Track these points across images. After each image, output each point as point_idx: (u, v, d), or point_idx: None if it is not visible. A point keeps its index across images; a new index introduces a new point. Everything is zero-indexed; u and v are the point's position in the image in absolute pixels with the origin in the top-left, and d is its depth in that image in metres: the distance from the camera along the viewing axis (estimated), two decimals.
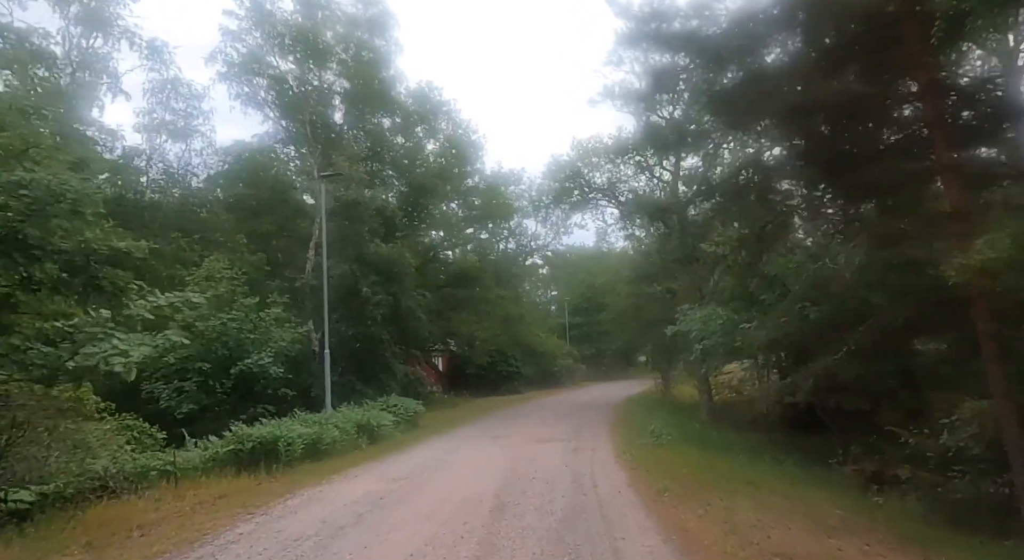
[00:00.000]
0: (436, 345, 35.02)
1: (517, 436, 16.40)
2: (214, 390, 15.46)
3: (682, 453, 12.13)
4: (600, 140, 23.06)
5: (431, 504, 8.34)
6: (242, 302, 16.49)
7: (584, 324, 55.30)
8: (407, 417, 18.88)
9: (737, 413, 22.08)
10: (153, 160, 23.31)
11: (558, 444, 14.32)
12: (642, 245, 27.09)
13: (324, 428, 13.47)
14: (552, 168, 23.50)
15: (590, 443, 14.39)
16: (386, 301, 20.74)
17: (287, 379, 17.22)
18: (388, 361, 22.00)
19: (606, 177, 23.30)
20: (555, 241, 46.03)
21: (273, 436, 11.56)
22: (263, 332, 16.69)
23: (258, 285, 19.83)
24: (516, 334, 39.45)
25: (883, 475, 10.82)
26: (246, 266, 19.64)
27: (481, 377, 36.21)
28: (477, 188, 33.46)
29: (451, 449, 14.27)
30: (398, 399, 20.00)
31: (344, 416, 15.34)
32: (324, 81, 26.70)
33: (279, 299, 17.71)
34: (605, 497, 8.27)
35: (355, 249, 20.93)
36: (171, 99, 23.92)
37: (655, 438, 13.60)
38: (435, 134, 30.37)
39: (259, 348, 16.19)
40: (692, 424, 18.94)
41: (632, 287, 28.52)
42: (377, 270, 20.87)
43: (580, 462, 11.48)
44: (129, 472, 9.60)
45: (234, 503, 8.82)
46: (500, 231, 41.15)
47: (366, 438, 15.04)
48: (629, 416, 21.36)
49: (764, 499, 8.28)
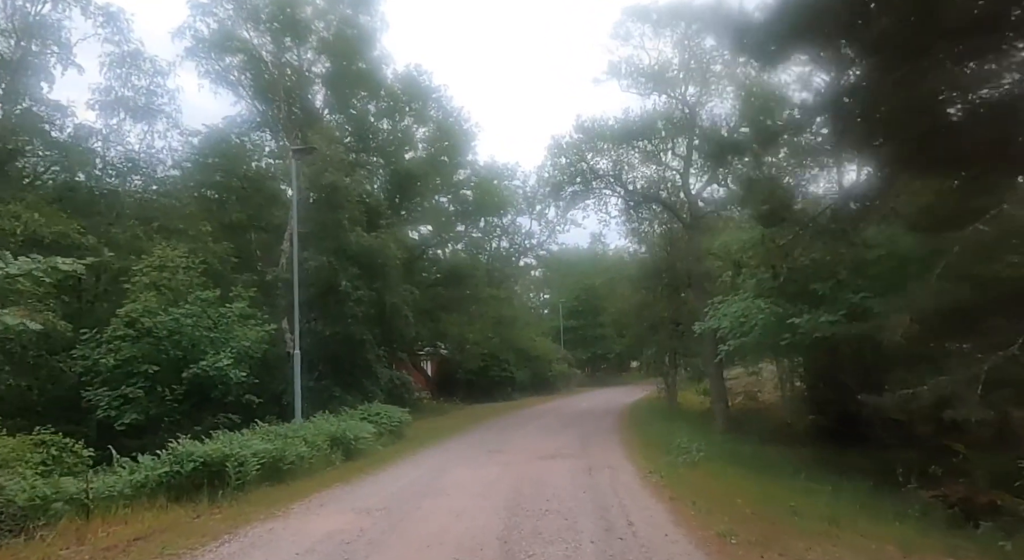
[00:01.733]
0: (425, 348, 32.82)
1: (517, 450, 14.25)
2: (163, 397, 13.19)
3: (721, 475, 10.04)
4: (604, 122, 21.02)
5: (413, 554, 6.19)
6: (198, 295, 14.22)
7: (579, 327, 53.27)
8: (391, 427, 16.68)
9: (756, 422, 20.06)
10: (111, 141, 20.94)
11: (567, 461, 12.18)
12: (650, 238, 25.01)
13: (289, 443, 11.25)
14: (554, 151, 21.46)
15: (604, 459, 12.26)
16: (368, 297, 18.52)
17: (253, 384, 14.98)
18: (371, 364, 19.77)
19: (611, 162, 21.23)
20: (550, 240, 44.12)
21: (220, 455, 9.33)
22: (224, 330, 14.45)
23: (224, 278, 17.57)
24: (509, 337, 37.30)
25: (975, 503, 8.77)
26: (210, 256, 17.36)
27: (472, 382, 33.99)
28: (469, 181, 31.35)
29: (441, 467, 12.09)
30: (381, 407, 17.78)
31: (316, 427, 13.12)
32: (303, 59, 24.57)
33: (245, 293, 15.43)
34: (650, 544, 6.14)
35: (334, 240, 18.73)
36: (132, 75, 21.59)
37: (684, 454, 11.49)
38: (424, 121, 28.22)
39: (220, 348, 13.94)
40: (712, 435, 16.87)
41: (637, 284, 26.49)
42: (358, 263, 18.68)
43: (600, 486, 9.36)
44: (21, 505, 7.37)
45: (151, 549, 6.61)
46: (493, 229, 39.12)
47: (341, 453, 12.83)
48: (638, 426, 19.27)
49: (860, 546, 6.20)
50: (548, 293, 60.15)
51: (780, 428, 18.96)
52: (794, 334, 10.36)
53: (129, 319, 13.32)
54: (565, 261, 52.80)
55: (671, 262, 22.57)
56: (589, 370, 58.08)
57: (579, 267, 55.33)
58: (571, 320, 52.90)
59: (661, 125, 21.06)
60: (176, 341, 13.54)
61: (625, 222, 25.03)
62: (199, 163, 21.76)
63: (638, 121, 21.06)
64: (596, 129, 20.63)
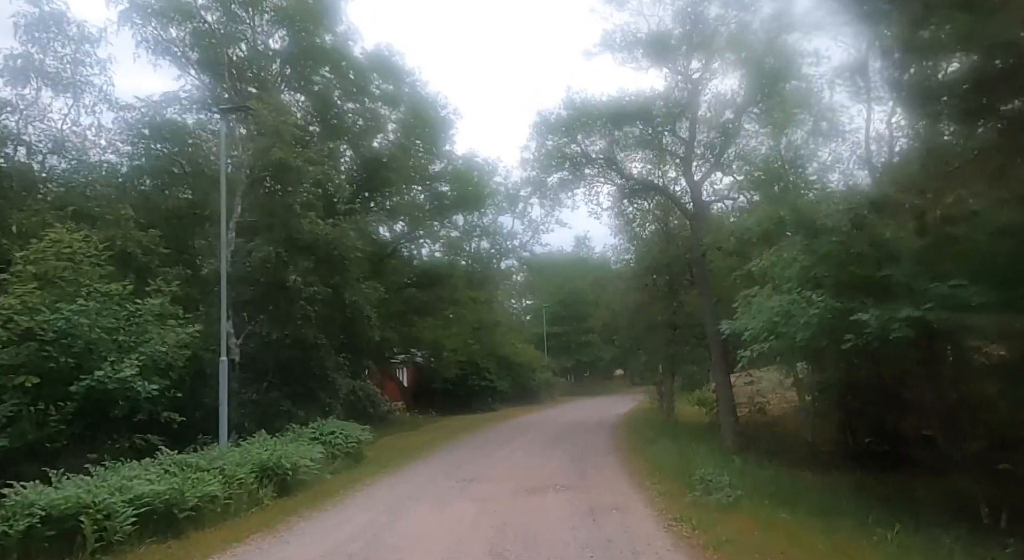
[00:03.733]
0: (399, 355, 30.02)
1: (498, 478, 11.60)
2: (47, 417, 10.32)
3: (773, 523, 7.45)
4: (598, 100, 18.49)
5: None
6: (97, 288, 11.36)
7: (563, 334, 50.75)
8: (347, 449, 13.95)
9: (768, 439, 17.59)
10: (29, 116, 18.00)
11: (562, 497, 9.56)
12: (647, 230, 22.52)
13: (195, 479, 8.48)
14: (540, 128, 18.82)
15: (610, 494, 9.67)
16: (324, 295, 15.74)
17: (175, 398, 12.16)
18: (328, 373, 16.96)
19: (606, 142, 18.67)
20: (533, 240, 41.62)
21: (75, 505, 6.57)
22: (135, 332, 11.62)
23: (151, 271, 14.72)
24: (490, 343, 34.61)
25: None
26: (131, 245, 14.50)
27: (449, 392, 31.22)
28: (445, 173, 28.65)
29: (398, 506, 9.40)
30: (338, 423, 15.01)
31: (243, 455, 10.35)
32: (257, 31, 21.79)
33: (166, 287, 12.58)
34: None
35: (284, 227, 15.96)
36: (54, 41, 18.68)
37: (712, 489, 8.93)
38: (395, 103, 25.50)
39: (127, 354, 11.12)
40: (722, 456, 14.35)
41: (629, 284, 24.01)
42: (313, 255, 15.91)
43: (614, 543, 6.75)
44: None
45: None
46: (473, 228, 36.48)
47: (274, 487, 10.07)
48: (638, 443, 16.72)
49: None
50: (531, 299, 57.54)
51: (796, 446, 16.56)
52: (859, 335, 7.90)
53: (2, 318, 10.44)
54: (549, 264, 50.31)
55: (672, 257, 20.11)
56: (572, 379, 55.56)
57: (563, 270, 52.93)
58: (555, 326, 50.34)
59: (661, 104, 18.66)
60: (66, 346, 10.66)
61: (618, 215, 22.50)
62: (136, 144, 18.87)
63: (634, 100, 18.62)
64: (587, 108, 18.11)
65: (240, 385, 15.77)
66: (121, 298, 11.98)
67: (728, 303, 19.53)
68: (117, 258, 14.40)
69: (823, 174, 16.87)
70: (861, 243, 8.19)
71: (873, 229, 8.53)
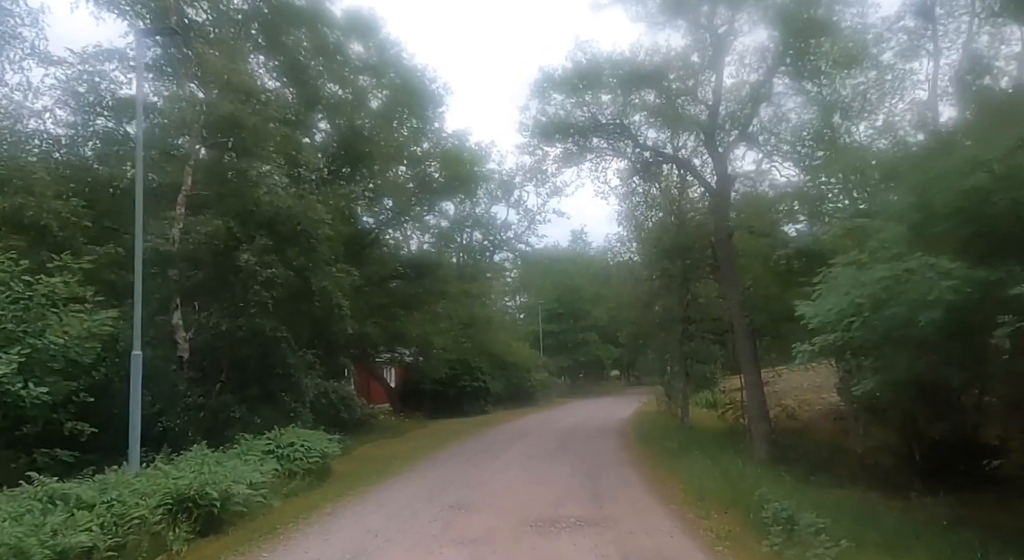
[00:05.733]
0: (386, 354, 27.36)
1: (493, 505, 9.03)
2: None
3: None
4: (609, 57, 15.90)
5: None
6: None
7: (560, 332, 48.15)
8: (308, 465, 11.35)
9: (804, 448, 15.15)
10: None
11: (581, 539, 7.01)
12: (664, 207, 19.96)
13: (61, 524, 5.88)
14: (542, 86, 16.16)
15: (644, 533, 7.15)
16: (284, 278, 13.09)
17: (83, 404, 9.57)
18: (291, 372, 14.33)
19: (618, 107, 16.08)
20: (529, 231, 39.08)
21: None
22: (24, 319, 9.01)
23: (70, 248, 12.05)
24: (482, 341, 31.95)
25: None
26: (46, 216, 11.83)
27: (439, 394, 28.57)
28: (435, 152, 26.03)
29: (361, 549, 6.84)
30: (300, 433, 12.39)
31: (151, 481, 7.73)
32: None
33: (72, 262, 9.92)
34: None
35: (238, 198, 13.34)
36: None
37: (797, 533, 6.40)
38: (379, 73, 22.89)
39: (7, 347, 8.50)
40: (760, 469, 11.86)
41: (638, 272, 21.50)
42: (271, 230, 13.27)
43: None
44: None
45: None
46: (464, 218, 33.87)
47: (192, 525, 7.46)
48: (658, 455, 14.23)
49: None
50: (525, 296, 54.84)
51: (839, 458, 14.14)
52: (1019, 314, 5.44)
53: None
54: (545, 259, 47.65)
55: (689, 240, 17.60)
56: (568, 379, 53.04)
57: (559, 266, 50.36)
58: (551, 324, 47.72)
59: (680, 64, 16.18)
60: None
61: (627, 196, 19.96)
62: (68, 102, 16.17)
63: (650, 60, 16.11)
64: (598, 63, 15.55)
65: (187, 387, 13.16)
66: (12, 276, 9.35)
67: (756, 293, 17.18)
68: (28, 231, 11.86)
69: (873, 141, 14.46)
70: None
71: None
